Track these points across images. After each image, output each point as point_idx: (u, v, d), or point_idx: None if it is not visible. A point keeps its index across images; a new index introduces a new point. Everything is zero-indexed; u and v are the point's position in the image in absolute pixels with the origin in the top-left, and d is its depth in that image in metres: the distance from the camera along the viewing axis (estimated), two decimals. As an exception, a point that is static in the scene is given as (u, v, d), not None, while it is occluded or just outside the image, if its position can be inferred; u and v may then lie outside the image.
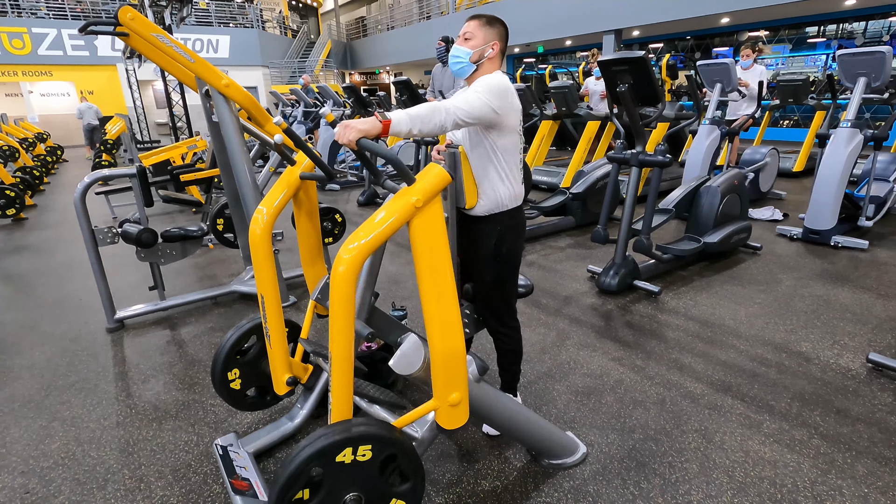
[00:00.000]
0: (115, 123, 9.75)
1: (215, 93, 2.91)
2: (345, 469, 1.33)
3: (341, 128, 1.38)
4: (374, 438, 1.35)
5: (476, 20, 1.76)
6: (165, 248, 3.34)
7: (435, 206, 1.38)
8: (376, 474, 1.39)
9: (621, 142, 3.56)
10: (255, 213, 1.89)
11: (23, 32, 15.42)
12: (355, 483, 1.36)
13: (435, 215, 1.38)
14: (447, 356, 1.43)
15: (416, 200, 1.35)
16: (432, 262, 1.39)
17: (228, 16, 19.29)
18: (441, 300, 1.40)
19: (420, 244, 1.38)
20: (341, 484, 1.34)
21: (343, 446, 1.31)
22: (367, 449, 1.34)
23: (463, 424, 1.51)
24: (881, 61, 3.96)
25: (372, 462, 1.36)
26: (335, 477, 1.32)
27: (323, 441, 1.30)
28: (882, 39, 10.10)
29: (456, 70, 1.79)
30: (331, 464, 1.31)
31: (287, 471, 1.27)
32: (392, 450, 1.39)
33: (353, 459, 1.33)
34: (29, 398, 2.46)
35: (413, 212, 1.36)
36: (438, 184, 1.38)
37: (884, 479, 1.77)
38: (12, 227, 6.13)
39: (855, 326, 2.88)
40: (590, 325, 3.03)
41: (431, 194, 1.37)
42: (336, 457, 1.31)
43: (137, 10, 2.70)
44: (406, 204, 1.35)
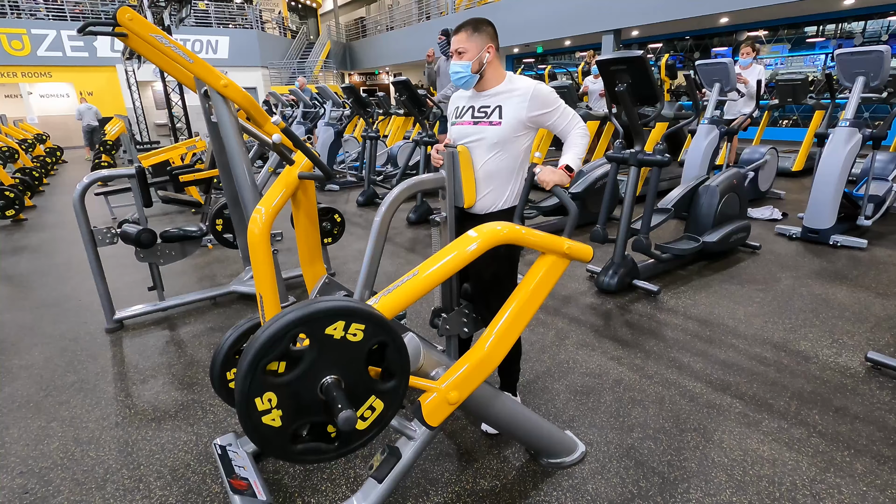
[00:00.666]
0: (115, 124, 9.75)
1: (214, 93, 2.91)
2: (331, 344, 1.19)
3: (549, 172, 1.74)
4: (370, 318, 1.22)
5: (463, 32, 1.78)
6: (164, 248, 3.34)
7: (564, 266, 1.63)
8: (362, 360, 1.25)
9: (620, 141, 3.56)
10: (253, 212, 1.89)
11: (22, 34, 15.44)
12: (337, 364, 1.21)
13: (559, 270, 1.63)
14: (482, 361, 1.49)
15: (568, 248, 1.60)
16: (531, 295, 1.59)
17: (228, 17, 19.30)
18: (514, 322, 1.57)
19: (535, 278, 1.60)
20: (323, 361, 1.19)
21: (336, 317, 1.17)
22: (360, 328, 1.20)
23: (435, 427, 1.49)
24: (879, 60, 3.96)
25: (361, 344, 1.22)
26: (319, 350, 1.18)
27: (317, 305, 1.17)
28: (881, 39, 10.11)
29: (462, 84, 1.84)
30: (318, 333, 1.17)
31: (269, 329, 1.11)
32: (385, 337, 1.26)
33: (342, 336, 1.19)
34: (28, 398, 2.46)
35: (559, 250, 1.60)
36: (582, 256, 1.64)
37: (882, 478, 1.77)
38: (12, 228, 6.13)
39: (854, 325, 2.88)
40: (589, 324, 3.03)
41: (575, 255, 1.61)
42: (326, 327, 1.17)
43: (136, 10, 2.70)
44: (558, 244, 1.60)
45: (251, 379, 1.11)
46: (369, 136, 6.60)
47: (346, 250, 4.66)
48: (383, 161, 8.39)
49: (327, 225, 3.69)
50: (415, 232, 5.27)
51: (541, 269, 1.59)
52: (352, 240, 4.98)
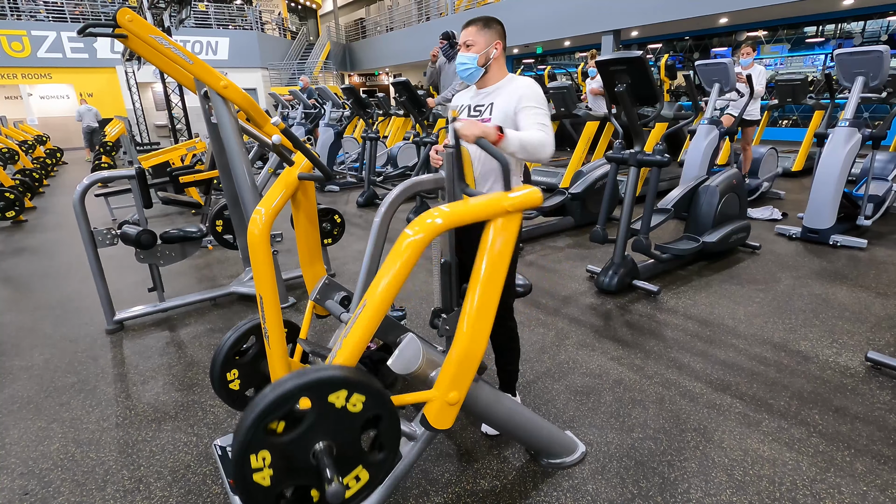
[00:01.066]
0: (115, 125, 9.76)
1: (214, 94, 2.91)
2: (331, 412, 1.22)
3: (468, 122, 1.56)
4: (371, 391, 1.26)
5: (473, 25, 1.80)
6: (164, 249, 3.34)
7: (516, 220, 1.44)
8: (357, 430, 1.28)
9: (620, 142, 3.56)
10: (253, 213, 1.89)
11: (22, 35, 15.45)
12: (333, 432, 1.25)
13: (513, 227, 1.43)
14: (466, 356, 1.45)
15: (508, 205, 1.40)
16: (491, 268, 1.43)
17: (227, 18, 19.32)
18: (483, 304, 1.44)
19: (488, 248, 1.42)
20: (320, 426, 1.23)
21: (342, 386, 1.22)
22: (361, 400, 1.25)
23: (446, 428, 1.49)
24: (879, 60, 3.96)
25: (359, 416, 1.26)
26: (319, 416, 1.21)
27: (325, 373, 1.22)
28: (880, 39, 10.11)
29: (466, 76, 1.85)
30: (322, 400, 1.21)
31: (277, 391, 1.16)
32: (382, 411, 1.30)
33: (343, 405, 1.23)
34: (28, 399, 2.46)
35: (501, 212, 1.41)
36: (532, 202, 1.45)
37: (883, 477, 1.77)
38: (12, 230, 6.13)
39: (854, 325, 2.88)
40: (589, 324, 3.03)
41: (521, 208, 1.43)
42: (330, 395, 1.21)
43: (136, 12, 2.70)
44: (498, 204, 1.40)
45: (252, 435, 1.15)
46: (369, 137, 6.61)
47: (346, 251, 4.66)
48: (383, 162, 8.40)
49: (327, 226, 3.69)
50: (415, 232, 5.26)
51: (490, 234, 1.43)
52: (352, 240, 4.98)
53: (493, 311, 1.46)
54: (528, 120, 1.72)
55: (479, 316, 1.43)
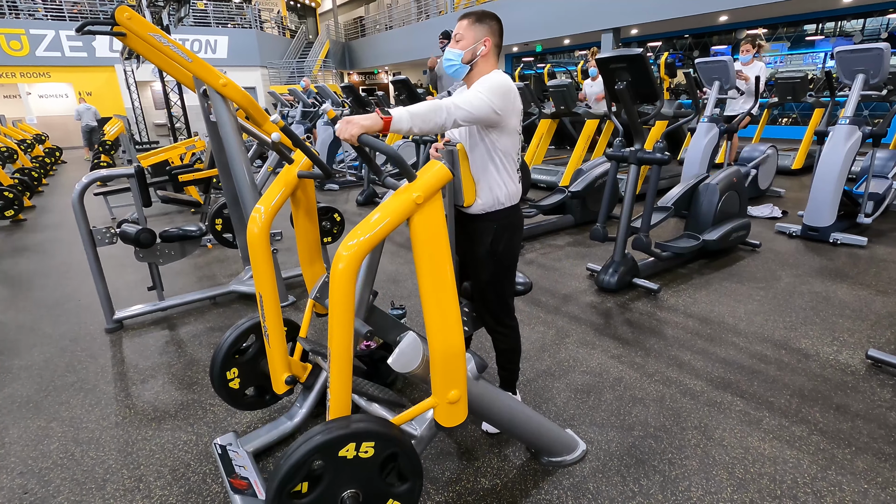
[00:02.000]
0: (114, 124, 9.74)
1: (213, 92, 2.90)
2: (346, 464, 1.32)
3: (343, 123, 1.36)
4: (377, 436, 1.35)
5: (465, 19, 1.72)
6: (164, 248, 3.33)
7: (436, 202, 1.38)
8: (376, 472, 1.38)
9: (620, 140, 3.56)
10: (252, 211, 1.88)
11: (21, 34, 15.41)
12: (354, 480, 1.35)
13: (435, 212, 1.37)
14: (446, 353, 1.43)
15: (416, 196, 1.34)
16: (432, 260, 1.38)
17: (226, 16, 19.28)
18: (441, 298, 1.40)
19: (420, 241, 1.37)
20: (341, 479, 1.33)
21: (347, 441, 1.30)
22: (370, 446, 1.33)
23: (461, 422, 1.51)
24: (879, 58, 3.96)
25: (373, 460, 1.35)
26: (335, 472, 1.31)
27: (327, 434, 1.29)
28: (880, 37, 10.10)
29: (451, 73, 1.78)
30: (333, 458, 1.30)
31: (289, 462, 1.25)
32: (394, 449, 1.38)
33: (355, 455, 1.32)
34: (28, 399, 2.45)
35: (414, 208, 1.35)
36: (439, 180, 1.37)
37: (883, 475, 1.77)
38: (11, 229, 6.12)
39: (854, 323, 2.87)
40: (589, 322, 3.03)
41: (432, 190, 1.36)
42: (339, 451, 1.30)
43: (135, 10, 2.69)
44: (407, 200, 1.34)
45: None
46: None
47: (346, 250, 4.65)
48: (382, 161, 8.38)
49: (327, 224, 3.69)
50: (414, 231, 5.26)
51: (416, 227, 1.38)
52: (351, 239, 4.97)
53: (454, 295, 1.42)
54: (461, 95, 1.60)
55: (442, 307, 1.41)
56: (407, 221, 1.39)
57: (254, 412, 2.25)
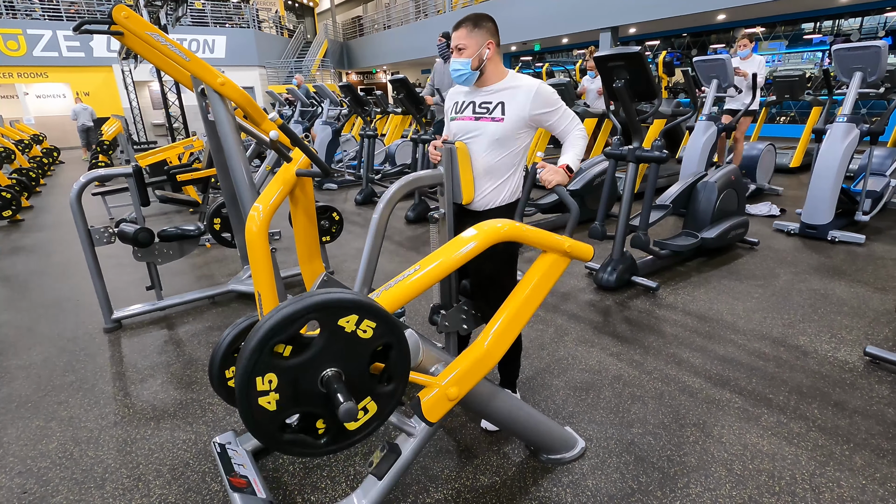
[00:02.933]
0: (112, 124, 9.72)
1: (211, 91, 2.89)
2: (340, 337, 1.19)
3: (552, 171, 1.77)
4: (383, 317, 1.22)
5: (463, 28, 1.76)
6: (162, 247, 3.33)
7: (564, 265, 1.61)
8: (366, 358, 1.24)
9: (618, 138, 3.56)
10: (251, 210, 1.88)
11: (18, 34, 15.38)
12: (342, 357, 1.21)
13: (560, 269, 1.61)
14: (481, 357, 1.48)
15: (569, 247, 1.57)
16: (532, 294, 1.57)
17: (224, 16, 19.24)
18: (515, 320, 1.56)
19: (537, 277, 1.58)
20: (328, 353, 1.19)
21: (352, 310, 1.18)
22: (371, 326, 1.21)
23: (434, 422, 1.49)
24: (877, 56, 3.96)
25: (369, 342, 1.22)
26: (328, 340, 1.18)
27: (336, 295, 1.18)
28: (878, 35, 10.11)
29: (462, 81, 1.83)
30: (331, 322, 1.17)
31: (284, 311, 1.12)
32: (392, 339, 1.25)
33: (353, 330, 1.19)
34: (26, 398, 2.45)
35: (560, 249, 1.57)
36: (582, 255, 1.61)
37: (881, 471, 1.78)
38: (9, 229, 6.11)
39: (852, 320, 2.88)
40: (588, 320, 3.03)
41: (577, 255, 1.59)
42: (340, 318, 1.17)
43: (132, 9, 2.69)
44: (560, 243, 1.57)
45: (258, 356, 1.10)
46: (367, 135, 6.59)
47: (345, 249, 4.65)
48: (381, 160, 8.38)
49: (325, 223, 3.69)
50: (413, 230, 5.26)
51: (541, 267, 1.58)
52: (350, 238, 4.97)
53: (519, 330, 1.59)
54: (562, 122, 1.84)
55: (508, 331, 1.54)
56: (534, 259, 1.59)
57: (253, 411, 2.25)
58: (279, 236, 4.76)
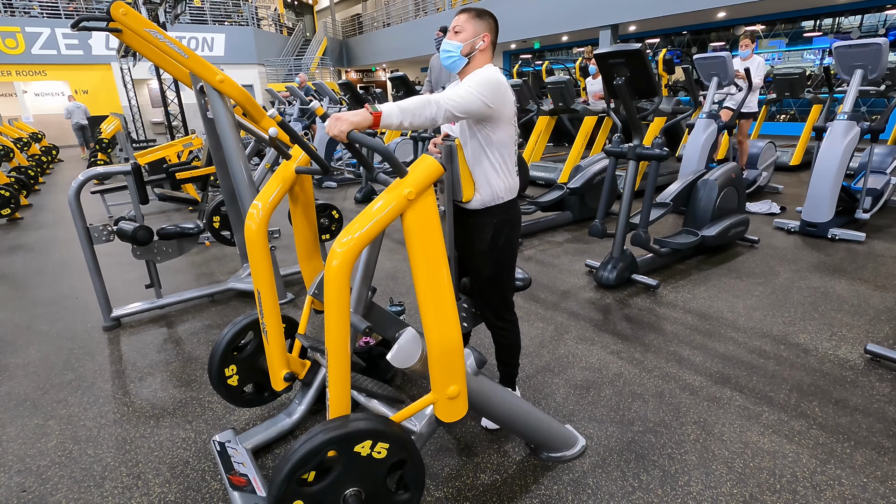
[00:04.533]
0: (111, 122, 9.70)
1: (210, 89, 2.89)
2: (358, 461, 1.32)
3: (332, 120, 1.35)
4: (395, 439, 1.36)
5: (465, 13, 1.75)
6: (161, 245, 3.32)
7: (428, 197, 1.37)
8: (383, 475, 1.38)
9: (618, 136, 3.55)
10: (250, 208, 1.88)
11: (16, 32, 15.33)
12: (361, 478, 1.35)
13: (428, 207, 1.37)
14: (444, 349, 1.42)
15: (408, 192, 1.33)
16: (427, 255, 1.37)
17: (223, 14, 19.19)
18: (436, 293, 1.39)
19: (414, 236, 1.37)
20: (349, 475, 1.33)
21: (366, 437, 1.31)
22: (386, 447, 1.34)
23: (461, 417, 1.51)
24: (877, 53, 3.95)
25: (384, 461, 1.36)
26: (346, 466, 1.31)
27: (349, 427, 1.30)
28: (878, 33, 10.10)
29: (448, 64, 1.79)
30: (347, 451, 1.30)
31: (307, 446, 1.26)
32: (405, 456, 1.39)
33: (368, 453, 1.33)
34: (25, 397, 2.44)
35: (406, 204, 1.34)
36: (431, 175, 1.37)
37: (882, 469, 1.78)
38: (7, 227, 6.09)
39: (852, 318, 2.88)
40: (588, 318, 3.02)
41: (424, 186, 1.36)
42: (356, 446, 1.31)
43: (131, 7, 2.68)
44: (399, 196, 1.34)
45: (285, 488, 1.25)
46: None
47: (345, 247, 4.64)
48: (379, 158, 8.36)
49: (325, 221, 3.68)
50: (413, 228, 5.25)
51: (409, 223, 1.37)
52: (350, 236, 4.96)
53: (449, 291, 1.42)
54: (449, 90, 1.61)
55: (438, 303, 1.40)
56: (401, 217, 1.38)
57: (252, 409, 2.24)
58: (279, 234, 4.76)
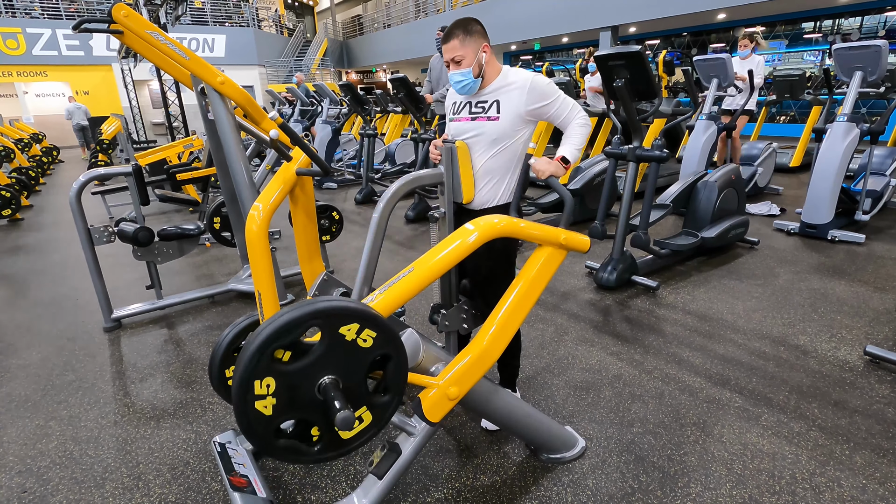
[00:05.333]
0: (111, 123, 9.71)
1: (211, 90, 2.89)
2: (340, 345, 1.19)
3: (545, 162, 1.73)
4: (384, 328, 1.23)
5: (454, 39, 1.74)
6: (162, 246, 3.32)
7: (561, 258, 1.61)
8: (364, 367, 1.24)
9: (618, 137, 3.56)
10: (251, 209, 1.88)
11: (17, 33, 15.36)
12: (340, 366, 1.21)
13: (557, 262, 1.61)
14: (482, 355, 1.48)
15: (564, 239, 1.57)
16: (528, 289, 1.57)
17: (224, 15, 19.22)
18: (512, 317, 1.56)
19: (533, 271, 1.58)
20: (329, 359, 1.19)
21: (354, 318, 1.19)
22: (372, 336, 1.21)
23: (435, 423, 1.50)
24: (877, 55, 3.96)
25: (368, 351, 1.23)
26: (328, 347, 1.18)
27: (337, 303, 1.19)
28: (877, 34, 10.11)
29: (467, 91, 1.81)
30: (332, 329, 1.17)
31: (286, 316, 1.13)
32: (391, 351, 1.26)
33: (353, 338, 1.20)
34: (26, 398, 2.45)
35: (556, 241, 1.57)
36: (579, 246, 1.61)
37: (882, 470, 1.78)
38: (8, 228, 6.10)
39: (852, 319, 2.88)
40: (588, 320, 3.03)
41: (571, 246, 1.59)
42: (342, 326, 1.18)
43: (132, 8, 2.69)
44: (555, 235, 1.59)
45: (258, 360, 1.10)
46: (367, 134, 6.59)
47: (345, 248, 4.65)
48: (381, 159, 8.38)
49: (325, 222, 3.68)
50: (413, 229, 5.26)
51: (538, 260, 1.58)
52: (350, 238, 4.97)
53: (517, 325, 1.57)
54: (562, 111, 1.80)
55: (506, 327, 1.53)
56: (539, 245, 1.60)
57: (253, 410, 2.24)
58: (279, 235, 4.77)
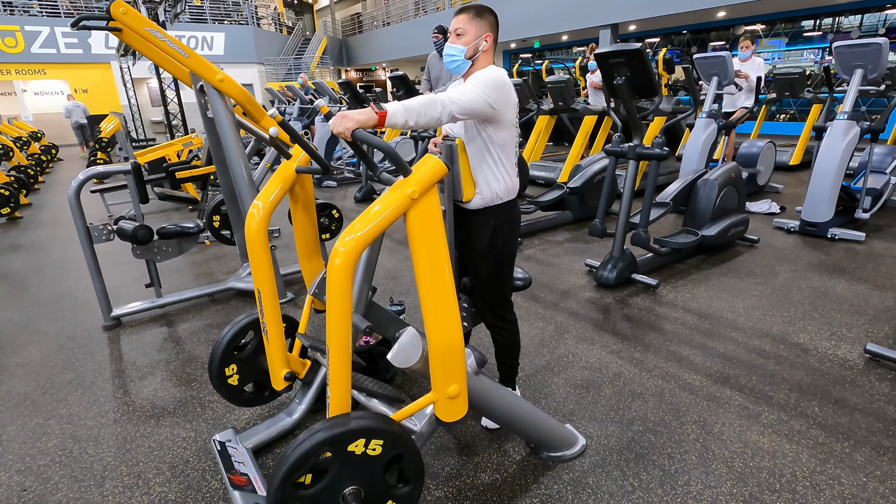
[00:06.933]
0: (110, 121, 9.69)
1: (210, 88, 2.89)
2: (352, 460, 1.32)
3: (338, 118, 1.35)
4: (388, 435, 1.35)
5: (465, 14, 1.72)
6: (161, 245, 3.31)
7: (431, 197, 1.37)
8: (380, 471, 1.38)
9: (619, 135, 3.55)
10: (250, 207, 1.87)
11: (15, 31, 15.31)
12: (358, 476, 1.35)
13: (431, 207, 1.37)
14: (445, 348, 1.42)
15: (412, 192, 1.33)
16: (429, 254, 1.38)
17: (223, 13, 19.18)
18: (438, 292, 1.40)
19: (417, 236, 1.37)
20: (345, 474, 1.33)
21: (358, 436, 1.31)
22: (380, 444, 1.34)
23: (462, 417, 1.51)
24: (877, 53, 3.95)
25: (380, 458, 1.35)
26: (341, 466, 1.31)
27: (340, 427, 1.30)
28: (878, 32, 10.10)
29: (452, 68, 1.77)
30: (341, 451, 1.30)
31: (299, 450, 1.26)
32: (401, 450, 1.39)
33: (363, 451, 1.32)
34: (25, 396, 2.44)
35: (409, 203, 1.34)
36: (435, 174, 1.37)
37: (882, 468, 1.78)
38: (7, 227, 6.09)
39: (852, 317, 2.88)
40: (588, 318, 3.03)
41: (428, 185, 1.35)
42: (349, 445, 1.30)
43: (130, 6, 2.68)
44: (402, 195, 1.34)
45: (282, 493, 1.25)
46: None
47: (344, 246, 4.64)
48: (381, 157, 8.37)
49: (325, 220, 3.68)
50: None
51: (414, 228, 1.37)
52: (350, 236, 4.96)
53: (451, 291, 1.41)
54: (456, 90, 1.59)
55: (440, 303, 1.40)
56: (403, 217, 1.38)
57: (253, 408, 2.25)
58: (279, 234, 4.76)
